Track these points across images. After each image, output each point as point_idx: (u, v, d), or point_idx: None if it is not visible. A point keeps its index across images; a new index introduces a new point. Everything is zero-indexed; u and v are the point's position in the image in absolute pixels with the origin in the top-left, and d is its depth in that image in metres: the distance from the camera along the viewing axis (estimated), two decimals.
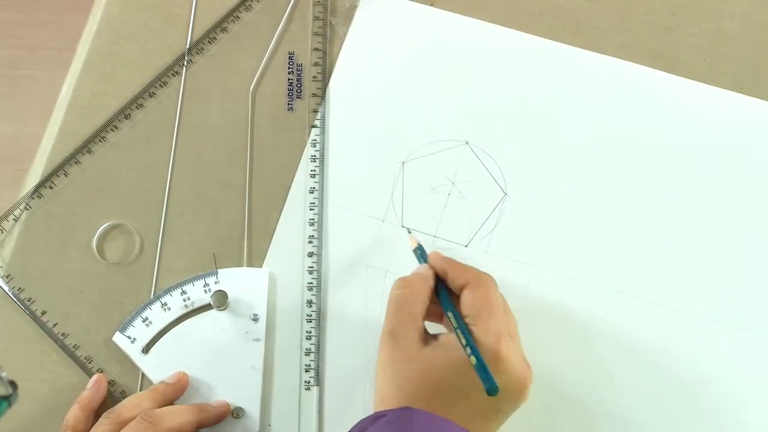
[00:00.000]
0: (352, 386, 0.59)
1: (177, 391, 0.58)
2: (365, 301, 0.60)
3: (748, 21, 0.62)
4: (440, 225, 0.61)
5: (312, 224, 0.61)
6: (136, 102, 0.62)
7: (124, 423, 0.54)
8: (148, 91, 0.63)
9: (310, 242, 0.61)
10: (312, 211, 0.61)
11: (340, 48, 0.63)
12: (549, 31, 0.63)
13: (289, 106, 0.62)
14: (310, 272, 0.60)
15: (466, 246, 0.60)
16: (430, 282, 0.53)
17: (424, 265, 0.55)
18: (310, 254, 0.60)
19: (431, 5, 0.63)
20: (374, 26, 0.64)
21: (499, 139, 0.61)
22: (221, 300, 0.59)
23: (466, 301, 0.51)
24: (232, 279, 0.60)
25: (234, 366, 0.59)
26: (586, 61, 0.62)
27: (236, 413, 0.58)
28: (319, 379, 0.59)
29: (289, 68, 0.63)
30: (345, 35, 0.64)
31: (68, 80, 0.64)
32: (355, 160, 0.62)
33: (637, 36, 0.62)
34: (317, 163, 0.61)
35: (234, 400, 0.58)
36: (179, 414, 0.55)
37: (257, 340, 0.59)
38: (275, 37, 0.63)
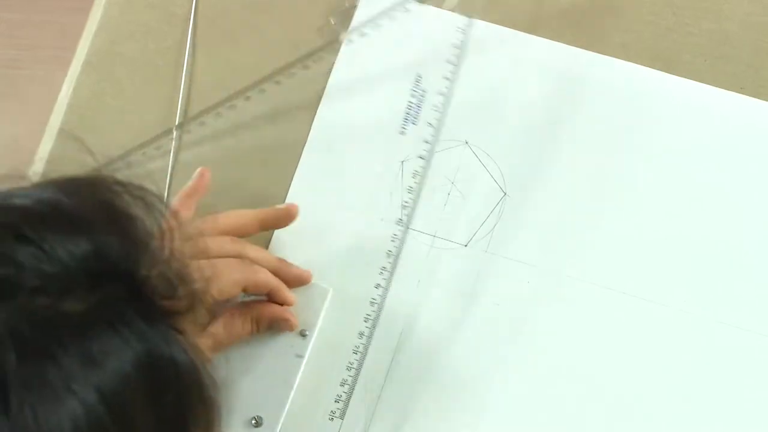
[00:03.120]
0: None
1: (204, 186, 0.55)
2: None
3: (749, 21, 0.62)
4: (440, 225, 0.61)
5: (389, 256, 0.60)
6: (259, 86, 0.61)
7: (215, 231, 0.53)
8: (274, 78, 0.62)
9: (381, 274, 0.59)
10: (393, 243, 0.60)
11: (340, 48, 0.63)
12: (549, 30, 0.63)
13: (402, 130, 0.61)
14: (372, 304, 0.59)
15: (465, 246, 0.60)
16: None
17: None
18: (377, 286, 0.59)
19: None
20: (374, 26, 0.63)
21: (499, 139, 0.61)
22: None
23: None
24: (295, 288, 0.58)
25: (267, 375, 0.57)
26: (586, 61, 0.62)
27: (256, 421, 0.57)
28: (344, 414, 0.58)
29: (412, 91, 0.61)
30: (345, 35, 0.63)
31: (68, 80, 0.64)
32: (355, 159, 0.62)
33: (637, 36, 0.62)
34: (413, 195, 0.60)
35: (257, 408, 0.57)
36: (237, 214, 0.54)
37: (299, 356, 0.57)
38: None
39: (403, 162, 0.61)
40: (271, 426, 0.57)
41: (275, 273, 0.55)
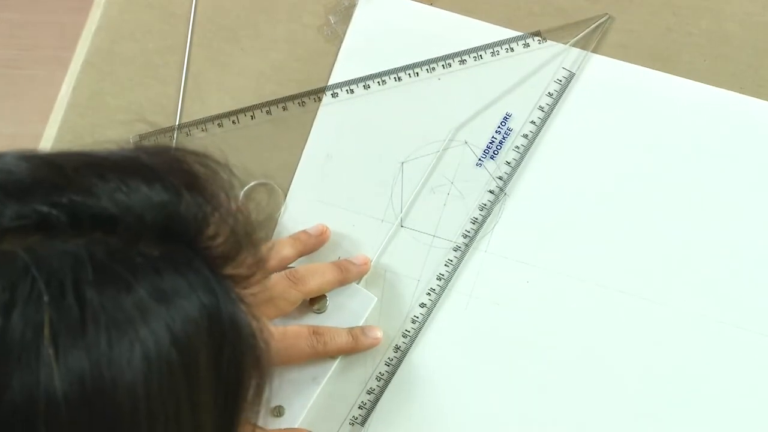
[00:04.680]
0: None
1: (318, 244, 0.58)
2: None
3: (749, 21, 0.62)
4: (440, 225, 0.61)
5: (439, 279, 0.60)
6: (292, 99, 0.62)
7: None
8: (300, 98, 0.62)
9: (428, 294, 0.60)
10: (446, 268, 0.60)
11: (340, 47, 0.63)
12: (549, 33, 0.63)
13: (480, 162, 0.61)
14: (413, 322, 0.59)
15: (465, 246, 0.60)
16: None
17: None
18: (422, 305, 0.59)
19: (430, 4, 0.63)
20: (373, 25, 0.63)
21: (497, 140, 0.61)
22: (321, 303, 0.58)
23: None
24: (340, 289, 0.58)
25: (297, 368, 0.57)
26: (584, 64, 0.62)
27: (277, 411, 0.57)
28: (365, 421, 0.58)
29: (498, 127, 0.61)
30: (344, 34, 0.63)
31: (68, 80, 0.64)
32: (355, 160, 0.62)
33: (637, 36, 0.62)
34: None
35: (281, 398, 0.57)
36: (322, 273, 0.56)
37: (333, 357, 0.58)
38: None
39: (403, 163, 0.61)
40: (292, 419, 0.57)
41: (340, 283, 0.57)
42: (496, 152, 0.61)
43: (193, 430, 0.32)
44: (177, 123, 0.63)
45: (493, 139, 0.61)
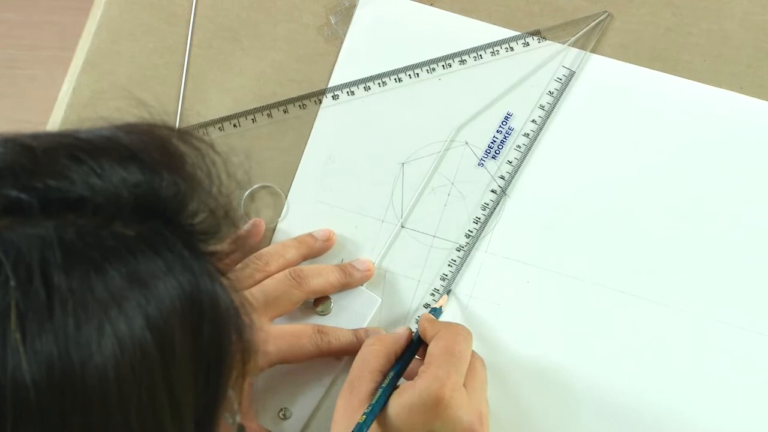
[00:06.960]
0: None
1: (323, 249, 0.58)
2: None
3: (748, 21, 0.62)
4: (440, 225, 0.61)
5: (443, 279, 0.60)
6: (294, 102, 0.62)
7: (270, 273, 0.55)
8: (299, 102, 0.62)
9: (432, 295, 0.60)
10: (450, 268, 0.60)
11: (340, 47, 0.63)
12: (549, 31, 0.63)
13: (481, 162, 0.61)
14: (417, 323, 0.59)
15: (465, 246, 0.60)
16: (401, 342, 0.54)
17: (404, 327, 0.56)
18: (426, 305, 0.60)
19: (431, 5, 0.63)
20: (374, 25, 0.63)
21: (498, 140, 0.61)
22: (325, 305, 0.58)
23: (429, 349, 0.51)
24: (344, 291, 0.59)
25: (303, 371, 0.57)
26: (585, 62, 0.62)
27: (283, 414, 0.57)
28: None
29: (499, 127, 0.61)
30: (345, 34, 0.63)
31: (68, 79, 0.64)
32: (355, 160, 0.62)
33: (636, 36, 0.62)
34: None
35: (287, 401, 0.57)
36: (325, 274, 0.56)
37: (338, 358, 0.57)
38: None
39: (403, 164, 0.61)
40: (299, 421, 0.57)
41: (343, 286, 0.57)
42: (497, 152, 0.61)
43: (171, 411, 0.32)
44: (177, 124, 0.62)
45: (494, 139, 0.61)
